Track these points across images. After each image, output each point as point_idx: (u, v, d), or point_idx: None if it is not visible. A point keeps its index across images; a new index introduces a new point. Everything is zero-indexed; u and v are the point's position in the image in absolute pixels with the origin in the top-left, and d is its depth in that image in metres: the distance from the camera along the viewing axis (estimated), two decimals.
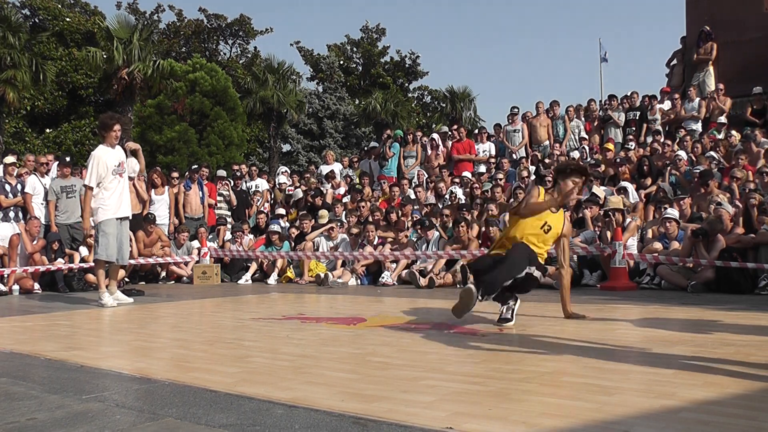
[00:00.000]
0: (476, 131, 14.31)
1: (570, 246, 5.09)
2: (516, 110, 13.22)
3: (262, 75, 28.63)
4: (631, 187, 9.59)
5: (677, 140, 11.25)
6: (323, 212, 10.95)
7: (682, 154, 10.27)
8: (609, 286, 7.70)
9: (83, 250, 9.34)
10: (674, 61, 14.96)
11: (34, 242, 9.04)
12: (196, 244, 10.63)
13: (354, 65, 38.35)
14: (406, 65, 37.83)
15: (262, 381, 2.91)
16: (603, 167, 10.84)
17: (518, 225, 4.70)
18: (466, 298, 4.32)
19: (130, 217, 7.22)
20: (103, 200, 6.76)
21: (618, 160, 10.91)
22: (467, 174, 11.76)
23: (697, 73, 13.73)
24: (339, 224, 10.65)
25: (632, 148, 11.28)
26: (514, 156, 12.64)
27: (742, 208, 7.91)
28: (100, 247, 6.78)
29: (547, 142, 12.85)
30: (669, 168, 10.11)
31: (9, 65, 21.30)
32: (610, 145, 11.93)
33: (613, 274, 7.79)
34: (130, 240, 9.87)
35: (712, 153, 10.21)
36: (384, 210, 10.53)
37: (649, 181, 10.10)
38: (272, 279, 10.01)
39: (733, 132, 10.99)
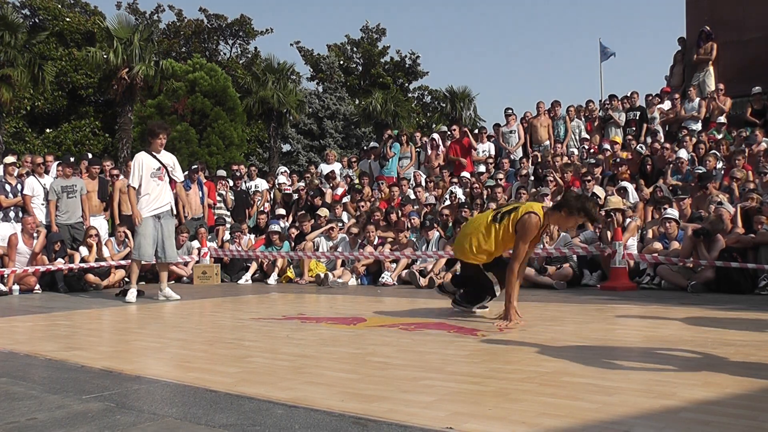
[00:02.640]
0: (476, 131, 14.30)
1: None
2: (510, 111, 13.22)
3: (262, 75, 28.64)
4: (631, 187, 9.59)
5: (677, 140, 11.23)
6: (323, 210, 10.97)
7: (683, 154, 10.25)
8: (609, 286, 7.70)
9: (83, 250, 9.33)
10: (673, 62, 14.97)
11: (34, 241, 9.01)
12: (196, 244, 10.63)
13: (354, 65, 38.36)
14: (406, 65, 37.84)
15: (262, 381, 2.91)
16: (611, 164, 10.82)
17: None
18: None
19: (173, 213, 7.49)
20: (140, 202, 7.14)
21: (618, 160, 10.91)
22: (467, 174, 11.76)
23: (697, 73, 13.73)
24: (339, 224, 10.65)
25: (642, 150, 11.20)
26: (512, 156, 12.64)
27: (744, 208, 7.89)
28: (134, 247, 7.27)
29: (547, 142, 12.86)
30: (669, 167, 10.11)
31: (5, 63, 21.26)
32: (618, 138, 11.95)
33: (613, 274, 7.80)
34: (130, 239, 9.91)
35: (716, 152, 10.19)
36: (384, 210, 10.53)
37: (643, 182, 10.05)
38: (272, 279, 10.01)
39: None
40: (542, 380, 2.83)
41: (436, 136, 13.91)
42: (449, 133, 13.69)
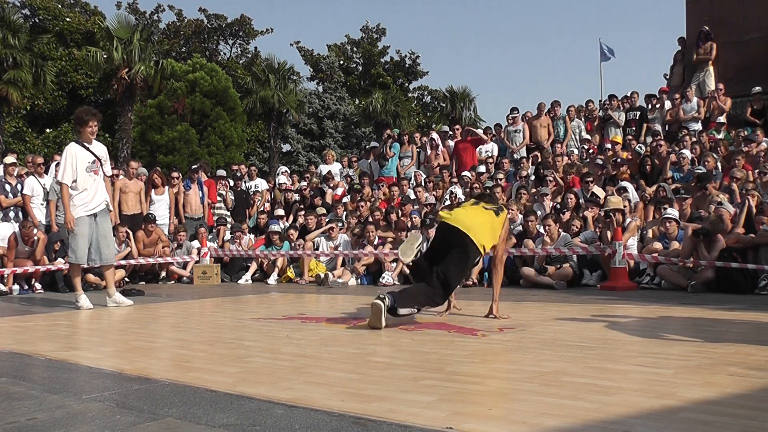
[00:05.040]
0: (481, 131, 14.29)
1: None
2: (516, 111, 13.22)
3: (262, 75, 28.64)
4: (631, 187, 9.59)
5: (677, 140, 11.22)
6: (320, 209, 11.00)
7: (687, 153, 10.24)
8: (609, 286, 7.71)
9: None
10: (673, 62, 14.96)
11: (35, 244, 8.99)
12: (196, 244, 10.62)
13: (354, 65, 38.36)
14: (406, 65, 37.84)
15: (262, 381, 2.91)
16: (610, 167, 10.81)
17: None
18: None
19: (109, 211, 6.70)
20: (75, 198, 6.39)
21: (618, 161, 10.90)
22: (467, 174, 11.76)
23: (697, 73, 13.72)
24: (339, 224, 10.65)
25: (642, 150, 11.19)
26: (515, 156, 12.64)
27: (746, 207, 7.87)
28: (70, 248, 6.47)
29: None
30: (668, 165, 10.10)
31: (11, 66, 21.35)
32: (618, 138, 11.94)
33: (613, 274, 7.80)
34: (130, 239, 9.92)
35: (714, 155, 10.18)
36: (384, 210, 10.53)
37: (643, 182, 10.06)
38: (272, 279, 10.01)
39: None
40: (542, 380, 2.83)
41: (435, 136, 13.91)
42: (450, 133, 13.69)
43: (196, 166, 12.02)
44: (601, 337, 4.04)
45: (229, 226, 11.63)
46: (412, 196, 11.42)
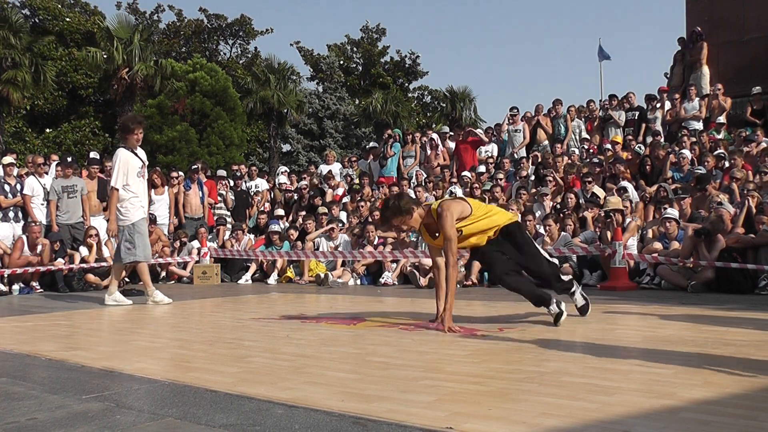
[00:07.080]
0: (482, 132, 14.30)
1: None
2: (515, 110, 13.22)
3: (262, 75, 28.65)
4: (631, 187, 9.59)
5: (677, 140, 11.22)
6: (322, 208, 11.01)
7: (687, 153, 10.24)
8: (609, 286, 7.71)
9: (83, 250, 9.33)
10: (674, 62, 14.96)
11: (38, 249, 8.99)
12: (196, 244, 10.62)
13: (354, 65, 38.35)
14: (406, 65, 37.83)
15: (262, 381, 2.91)
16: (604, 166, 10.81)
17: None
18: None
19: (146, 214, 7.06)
20: (133, 202, 6.67)
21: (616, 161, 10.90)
22: (467, 174, 11.76)
23: (693, 74, 13.72)
24: (339, 224, 10.66)
25: (641, 150, 11.19)
26: (515, 155, 12.64)
27: (746, 207, 7.86)
28: (137, 248, 6.65)
29: (546, 142, 12.85)
30: (668, 165, 10.10)
31: (10, 66, 21.37)
32: (618, 138, 11.94)
33: (613, 274, 7.80)
34: None
35: (723, 152, 10.16)
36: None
37: (643, 182, 10.05)
38: (272, 279, 10.01)
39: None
40: (542, 380, 2.83)
41: (435, 136, 13.91)
42: (451, 133, 13.69)
43: (196, 166, 12.01)
44: (601, 337, 4.04)
45: (229, 226, 11.63)
46: (412, 196, 11.42)
